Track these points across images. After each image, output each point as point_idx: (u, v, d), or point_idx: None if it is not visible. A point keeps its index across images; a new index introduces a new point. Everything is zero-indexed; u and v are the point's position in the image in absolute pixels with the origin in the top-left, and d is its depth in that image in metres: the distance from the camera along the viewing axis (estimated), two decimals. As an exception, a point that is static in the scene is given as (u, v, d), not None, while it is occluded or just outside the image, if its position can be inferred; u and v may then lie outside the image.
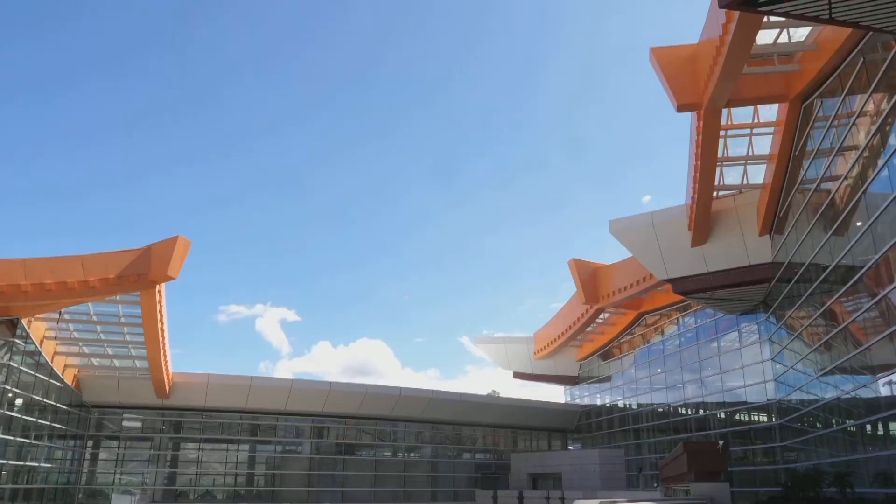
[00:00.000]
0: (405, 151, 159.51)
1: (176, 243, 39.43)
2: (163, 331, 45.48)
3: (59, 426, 50.52)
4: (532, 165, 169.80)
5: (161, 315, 43.65)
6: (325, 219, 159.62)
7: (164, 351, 48.87)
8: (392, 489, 65.67)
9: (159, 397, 56.10)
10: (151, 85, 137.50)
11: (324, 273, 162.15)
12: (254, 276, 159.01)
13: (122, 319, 46.40)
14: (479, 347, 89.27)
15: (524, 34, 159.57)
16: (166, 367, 52.12)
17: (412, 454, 70.00)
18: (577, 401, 78.61)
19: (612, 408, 70.62)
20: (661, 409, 61.46)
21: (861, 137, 26.19)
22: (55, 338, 47.21)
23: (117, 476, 59.45)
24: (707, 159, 34.39)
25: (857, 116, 26.44)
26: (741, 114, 35.07)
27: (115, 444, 60.32)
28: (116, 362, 54.76)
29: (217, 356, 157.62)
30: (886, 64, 23.22)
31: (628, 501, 34.55)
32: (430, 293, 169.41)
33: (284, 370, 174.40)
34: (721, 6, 19.06)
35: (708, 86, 28.82)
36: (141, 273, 38.88)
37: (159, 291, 42.06)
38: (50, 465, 50.38)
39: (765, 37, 28.22)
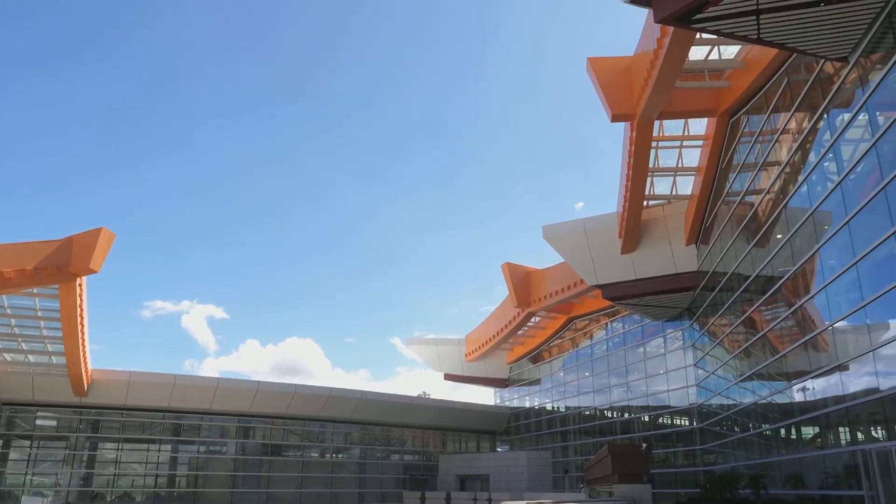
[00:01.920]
0: (344, 152, 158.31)
1: (100, 235, 37.83)
2: (83, 326, 43.61)
3: (-34, 424, 47.85)
4: (468, 169, 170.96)
5: (81, 310, 41.82)
6: (260, 218, 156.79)
7: (84, 347, 46.87)
8: (318, 490, 64.86)
9: (77, 395, 53.85)
10: (86, 85, 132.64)
11: (255, 272, 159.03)
12: (181, 273, 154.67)
13: (39, 313, 44.19)
14: (410, 349, 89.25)
15: (466, 38, 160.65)
16: (85, 363, 50.03)
17: (340, 455, 69.32)
18: (507, 403, 79.43)
19: (541, 410, 71.66)
20: (587, 412, 62.70)
21: (783, 154, 27.32)
22: (-36, 331, 44.71)
23: (28, 477, 56.70)
24: (638, 169, 35.28)
25: (781, 133, 27.58)
26: (672, 126, 36.13)
27: (27, 443, 57.55)
28: (31, 358, 52.19)
29: (140, 353, 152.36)
30: (808, 85, 24.30)
31: (554, 502, 35.03)
32: (364, 294, 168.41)
33: (210, 369, 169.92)
34: (656, 21, 19.68)
35: (641, 98, 29.56)
36: (61, 265, 37.12)
37: (80, 285, 40.27)
38: (-46, 466, 47.69)
39: (697, 53, 29.21)
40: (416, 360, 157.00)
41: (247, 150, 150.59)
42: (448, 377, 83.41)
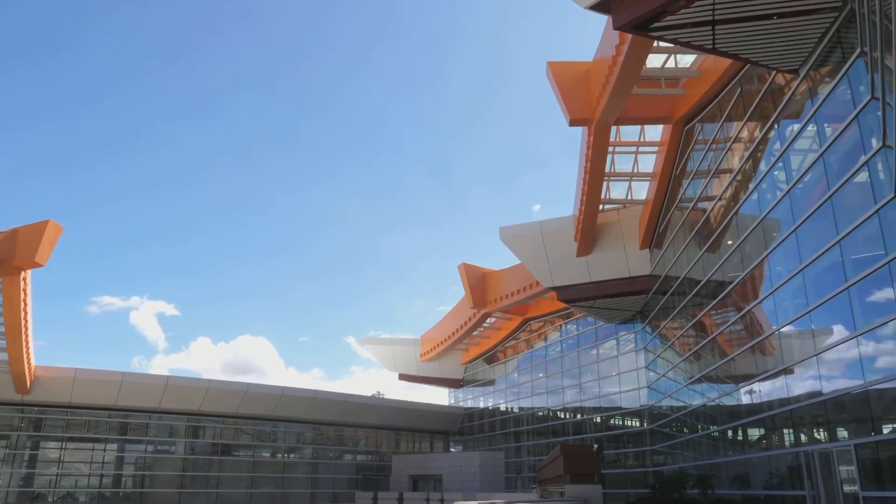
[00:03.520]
0: (299, 151, 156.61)
1: (46, 228, 36.69)
2: (26, 321, 42.23)
3: None
4: (425, 169, 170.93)
5: (25, 304, 40.53)
6: (214, 215, 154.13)
7: (27, 343, 45.39)
8: (269, 491, 64.08)
9: (18, 392, 52.15)
10: (37, 80, 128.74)
11: (208, 268, 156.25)
12: (131, 268, 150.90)
13: (-20, 307, 42.76)
14: (365, 348, 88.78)
15: (424, 38, 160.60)
16: (28, 360, 48.45)
17: (292, 455, 68.57)
18: (461, 403, 79.61)
19: (495, 411, 72.02)
20: (541, 413, 63.24)
21: (735, 162, 27.96)
22: None
23: (-35, 477, 54.79)
24: (595, 173, 35.72)
25: (733, 142, 28.20)
26: (629, 132, 36.67)
27: (-36, 442, 55.58)
28: (-30, 354, 50.42)
29: (86, 350, 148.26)
30: (760, 95, 24.91)
31: (506, 502, 35.23)
32: (319, 292, 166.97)
33: (160, 366, 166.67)
34: (615, 28, 19.97)
35: (599, 103, 29.94)
36: (4, 258, 35.87)
37: (24, 279, 39.04)
38: None
39: (654, 61, 29.72)
40: (370, 360, 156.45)
41: (200, 148, 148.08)
42: (403, 377, 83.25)
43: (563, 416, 60.25)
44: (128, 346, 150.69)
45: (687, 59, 30.20)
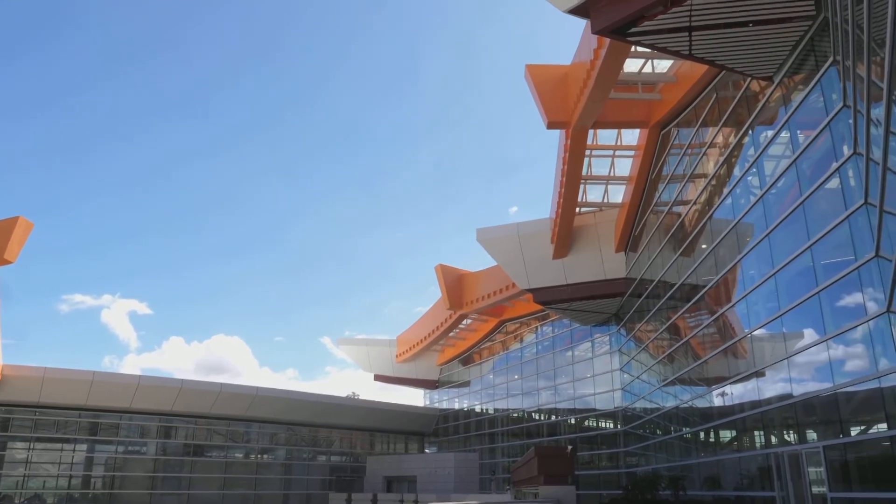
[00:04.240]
0: (274, 150, 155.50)
1: (16, 224, 36.23)
2: (-6, 319, 41.55)
3: None
4: (402, 170, 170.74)
5: (-7, 302, 39.87)
6: (188, 214, 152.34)
7: (-5, 341, 44.66)
8: (242, 492, 63.50)
9: (-15, 392, 51.11)
10: (6, 79, 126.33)
11: (182, 267, 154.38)
12: (103, 267, 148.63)
13: (-53, 305, 41.93)
14: (341, 349, 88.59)
15: (401, 39, 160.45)
16: (-4, 358, 47.64)
17: (265, 456, 68.01)
18: (437, 405, 79.60)
19: (470, 412, 72.11)
20: (515, 415, 63.43)
21: (710, 167, 28.29)
22: None
23: (-71, 478, 53.58)
24: (572, 176, 35.95)
25: (708, 147, 28.54)
26: (606, 136, 36.96)
27: (-72, 442, 54.36)
28: (-64, 352, 49.39)
29: (56, 349, 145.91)
30: (736, 101, 25.24)
31: (480, 504, 35.34)
32: (294, 292, 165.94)
33: (132, 366, 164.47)
34: (594, 32, 20.12)
35: (577, 106, 30.14)
36: (-28, 254, 35.33)
37: (-7, 276, 38.41)
38: None
39: (631, 65, 30.00)
40: (346, 361, 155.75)
41: (175, 145, 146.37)
42: (378, 378, 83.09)
43: (537, 417, 60.50)
44: (99, 345, 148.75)
45: (664, 65, 30.52)
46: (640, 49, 26.16)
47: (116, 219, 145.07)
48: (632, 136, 36.97)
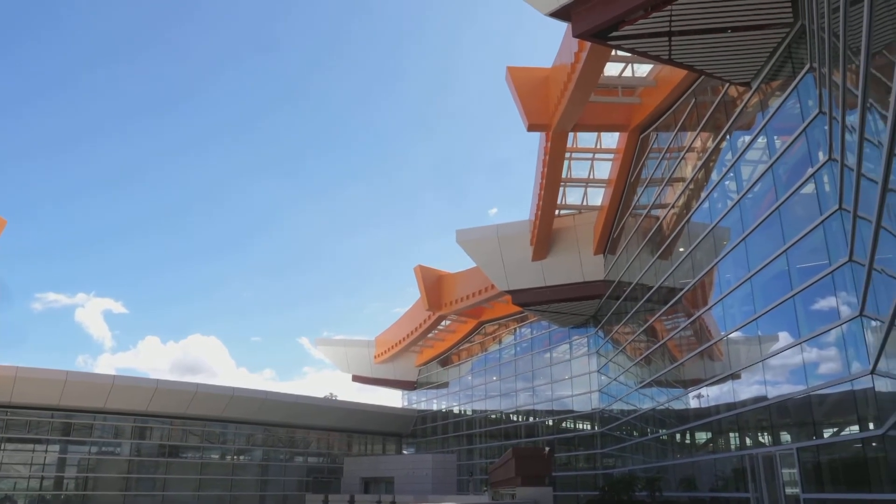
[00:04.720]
0: (252, 150, 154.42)
1: (-12, 221, 35.55)
2: (-35, 317, 40.82)
3: None
4: (380, 170, 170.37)
5: (-36, 299, 39.17)
6: (165, 214, 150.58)
7: (-35, 340, 43.89)
8: (218, 493, 62.92)
9: (-45, 391, 50.19)
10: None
11: (158, 267, 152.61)
12: (78, 266, 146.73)
13: (-85, 302, 41.10)
14: (319, 349, 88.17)
15: (381, 40, 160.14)
16: (-34, 357, 46.79)
17: (242, 457, 67.48)
18: (415, 405, 79.51)
19: (448, 413, 72.11)
20: (493, 416, 63.54)
21: (688, 171, 28.54)
22: None
23: None
24: (551, 179, 36.10)
25: (686, 151, 28.79)
26: (586, 139, 37.17)
27: None
28: None
29: (29, 348, 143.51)
30: (714, 106, 25.49)
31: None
32: (272, 292, 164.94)
33: (106, 365, 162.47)
34: (575, 35, 20.22)
35: (557, 109, 30.27)
36: (-57, 251, 34.66)
37: (-36, 273, 37.73)
38: None
39: (611, 69, 30.19)
40: (324, 361, 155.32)
41: (151, 146, 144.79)
42: (356, 378, 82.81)
43: (515, 418, 60.64)
44: (73, 345, 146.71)
45: (644, 69, 30.76)
46: (620, 53, 26.33)
47: (92, 217, 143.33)
48: (611, 140, 37.20)
